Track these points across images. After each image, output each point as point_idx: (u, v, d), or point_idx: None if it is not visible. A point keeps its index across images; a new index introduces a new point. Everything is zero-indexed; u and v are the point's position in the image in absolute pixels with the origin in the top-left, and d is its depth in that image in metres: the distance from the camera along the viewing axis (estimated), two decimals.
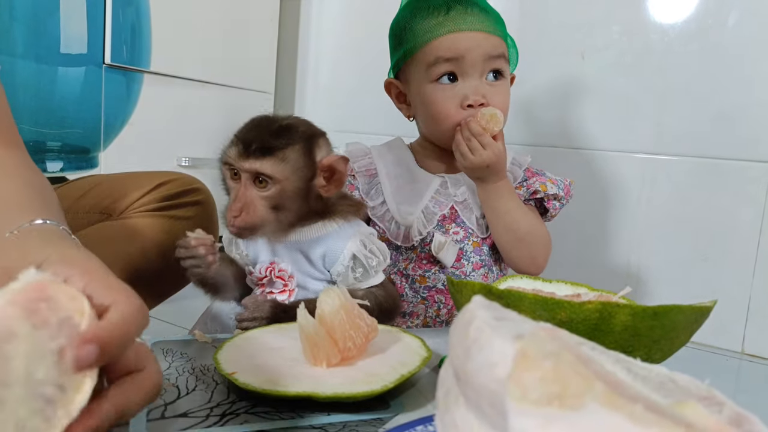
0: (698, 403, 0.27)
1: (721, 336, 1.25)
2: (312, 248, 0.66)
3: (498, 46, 0.85)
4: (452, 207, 0.88)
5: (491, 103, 0.83)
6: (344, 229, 0.66)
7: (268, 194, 0.61)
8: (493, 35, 0.85)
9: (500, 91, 0.86)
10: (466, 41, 0.84)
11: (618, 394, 0.23)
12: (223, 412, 0.44)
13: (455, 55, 0.83)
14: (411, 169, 0.92)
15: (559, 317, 0.46)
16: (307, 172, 0.62)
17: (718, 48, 1.23)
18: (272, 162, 0.60)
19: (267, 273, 0.67)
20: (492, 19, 0.86)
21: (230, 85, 1.52)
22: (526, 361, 0.25)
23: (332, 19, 1.72)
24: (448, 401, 0.30)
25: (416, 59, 0.86)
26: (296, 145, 0.61)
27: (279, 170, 0.60)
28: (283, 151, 0.61)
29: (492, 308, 0.31)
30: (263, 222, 0.62)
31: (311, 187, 0.63)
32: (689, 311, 0.47)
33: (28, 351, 0.29)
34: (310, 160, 0.63)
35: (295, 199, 0.62)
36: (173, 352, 0.55)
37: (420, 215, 0.86)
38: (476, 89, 0.83)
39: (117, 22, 1.21)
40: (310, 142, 0.63)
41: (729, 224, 1.24)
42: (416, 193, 0.88)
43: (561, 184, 0.89)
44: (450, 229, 0.87)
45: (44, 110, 1.12)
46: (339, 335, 0.47)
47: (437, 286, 0.87)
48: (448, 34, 0.84)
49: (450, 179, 0.89)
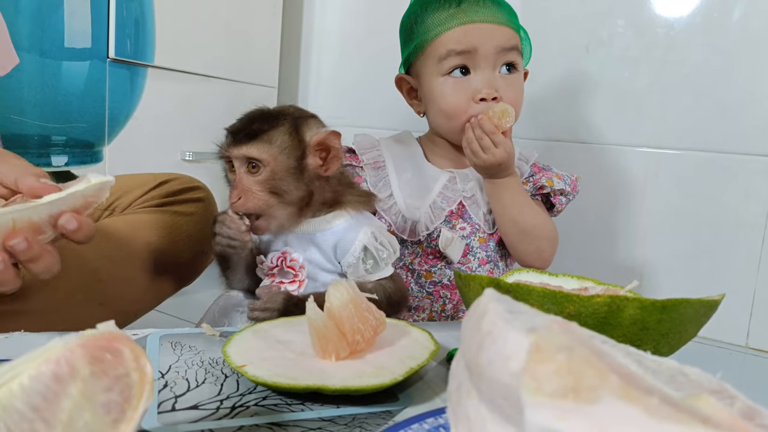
0: (711, 397, 0.27)
1: (725, 330, 1.24)
2: (323, 239, 0.66)
3: (511, 38, 0.84)
4: (460, 202, 0.87)
5: (504, 97, 0.83)
6: (356, 221, 0.66)
7: (262, 178, 0.62)
8: (506, 27, 0.84)
9: (514, 84, 0.85)
10: (478, 33, 0.83)
11: (633, 387, 0.23)
12: (233, 404, 0.44)
13: (467, 47, 0.82)
14: (419, 164, 0.91)
15: (567, 311, 0.47)
16: (297, 150, 0.63)
17: (723, 42, 1.22)
18: (258, 145, 0.62)
19: (278, 262, 0.67)
20: (504, 10, 0.85)
21: (234, 80, 1.52)
22: (540, 354, 0.25)
23: (335, 13, 1.72)
24: (460, 394, 0.30)
25: (427, 53, 0.85)
26: (281, 126, 0.63)
27: (266, 152, 0.61)
28: (268, 133, 0.62)
29: (504, 301, 0.31)
30: (264, 206, 0.63)
31: (305, 166, 0.64)
32: (698, 305, 0.47)
33: (79, 396, 0.29)
34: (298, 139, 0.63)
35: (289, 180, 0.63)
36: (182, 345, 0.56)
37: (428, 210, 0.86)
38: (489, 82, 0.82)
39: (121, 17, 1.21)
40: (297, 122, 0.64)
41: (734, 218, 1.24)
42: (424, 187, 0.88)
43: (567, 180, 0.89)
44: (456, 225, 0.87)
45: (48, 104, 1.12)
46: (348, 328, 0.47)
47: (443, 281, 0.87)
48: (460, 26, 0.83)
49: (459, 174, 0.89)
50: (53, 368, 0.29)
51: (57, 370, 0.29)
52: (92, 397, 0.30)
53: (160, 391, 0.45)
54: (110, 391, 0.30)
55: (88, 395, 0.30)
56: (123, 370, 0.31)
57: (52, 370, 0.29)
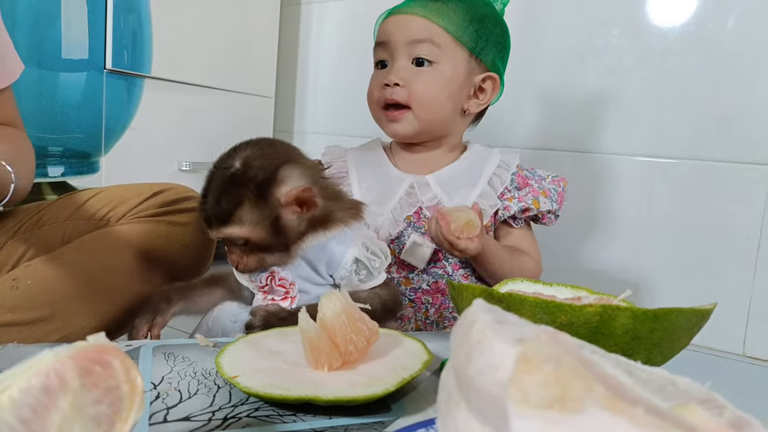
0: (699, 406, 0.27)
1: (722, 339, 1.24)
2: (314, 255, 0.66)
3: (422, 30, 0.81)
4: (418, 210, 0.86)
5: (410, 88, 0.82)
6: (346, 235, 0.66)
7: (248, 248, 0.63)
8: (421, 18, 0.81)
9: (424, 77, 0.83)
10: (392, 25, 0.83)
11: (619, 398, 0.23)
12: (225, 416, 0.44)
13: (382, 39, 0.82)
14: (384, 169, 0.90)
15: (559, 320, 0.47)
16: (268, 218, 0.61)
17: (718, 50, 1.23)
18: (230, 227, 0.62)
19: (267, 282, 0.67)
20: (436, 4, 0.83)
21: (231, 90, 1.52)
22: (527, 365, 0.25)
23: (332, 24, 1.73)
24: (450, 404, 0.30)
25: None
26: (246, 203, 0.60)
27: (239, 231, 0.62)
28: (235, 213, 0.61)
29: (493, 311, 0.31)
30: (262, 264, 0.65)
31: (283, 223, 0.62)
32: (690, 314, 0.47)
33: (69, 409, 0.29)
34: (267, 206, 0.61)
35: (274, 239, 0.63)
36: (175, 355, 0.55)
37: (389, 215, 0.85)
38: (397, 71, 0.82)
39: (118, 28, 1.21)
40: (262, 189, 0.61)
41: (729, 227, 1.24)
42: (386, 193, 0.87)
43: (554, 195, 0.88)
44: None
45: (46, 115, 1.12)
46: (340, 339, 0.47)
47: (422, 286, 0.86)
48: (385, 19, 0.83)
49: (419, 182, 0.87)
50: (43, 380, 0.29)
51: (47, 383, 0.29)
52: (82, 410, 0.30)
53: (152, 403, 0.45)
54: (100, 404, 0.30)
55: (78, 408, 0.29)
56: (113, 383, 0.31)
57: (42, 382, 0.29)
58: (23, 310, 0.66)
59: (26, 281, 0.67)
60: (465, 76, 0.86)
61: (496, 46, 0.87)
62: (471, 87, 0.87)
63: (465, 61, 0.85)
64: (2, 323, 0.64)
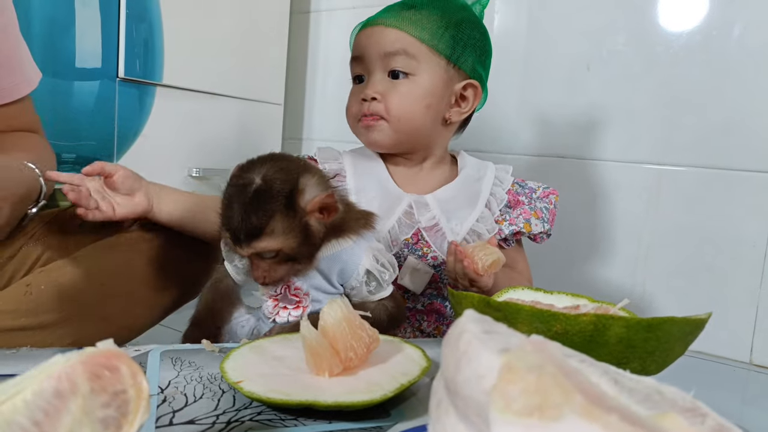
0: (679, 415, 0.29)
1: (729, 346, 1.24)
2: (327, 265, 0.67)
3: (395, 42, 0.79)
4: (416, 232, 0.82)
5: (387, 102, 0.80)
6: (358, 245, 0.67)
7: (277, 260, 0.63)
8: (395, 29, 0.79)
9: (400, 90, 0.80)
10: (365, 38, 0.81)
11: (596, 406, 0.24)
12: (228, 419, 0.45)
13: (357, 53, 0.80)
14: (384, 184, 0.86)
15: (554, 329, 0.48)
16: (298, 226, 0.62)
17: (724, 59, 1.24)
18: (264, 241, 0.61)
19: (282, 291, 0.67)
20: (394, 11, 0.80)
21: (240, 97, 1.54)
22: (510, 374, 0.26)
23: (340, 32, 1.74)
24: (440, 411, 0.31)
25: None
26: (278, 214, 0.61)
27: (273, 244, 0.61)
28: (268, 226, 0.60)
29: (483, 322, 0.32)
30: (288, 274, 0.65)
31: (309, 230, 0.63)
32: (683, 323, 0.48)
33: (79, 412, 0.30)
34: (296, 215, 0.62)
35: (301, 247, 0.63)
36: (182, 360, 0.57)
37: (386, 236, 0.81)
38: (373, 85, 0.80)
39: (130, 38, 1.24)
40: (290, 200, 0.61)
41: (736, 234, 1.24)
42: (385, 212, 0.82)
43: (546, 215, 0.85)
44: (428, 253, 0.82)
45: (59, 123, 1.15)
46: (341, 346, 0.49)
47: (417, 307, 0.84)
48: (358, 33, 0.81)
49: (417, 203, 0.83)
50: (55, 384, 0.31)
51: (58, 386, 0.31)
52: (91, 413, 0.31)
53: (159, 406, 0.47)
54: (108, 407, 0.32)
55: (87, 411, 0.31)
56: (120, 387, 0.33)
57: (54, 386, 0.31)
58: (36, 315, 0.68)
59: (39, 286, 0.69)
60: (444, 85, 0.82)
61: (476, 52, 0.84)
62: (452, 95, 0.84)
63: (443, 69, 0.82)
64: (16, 327, 0.67)
